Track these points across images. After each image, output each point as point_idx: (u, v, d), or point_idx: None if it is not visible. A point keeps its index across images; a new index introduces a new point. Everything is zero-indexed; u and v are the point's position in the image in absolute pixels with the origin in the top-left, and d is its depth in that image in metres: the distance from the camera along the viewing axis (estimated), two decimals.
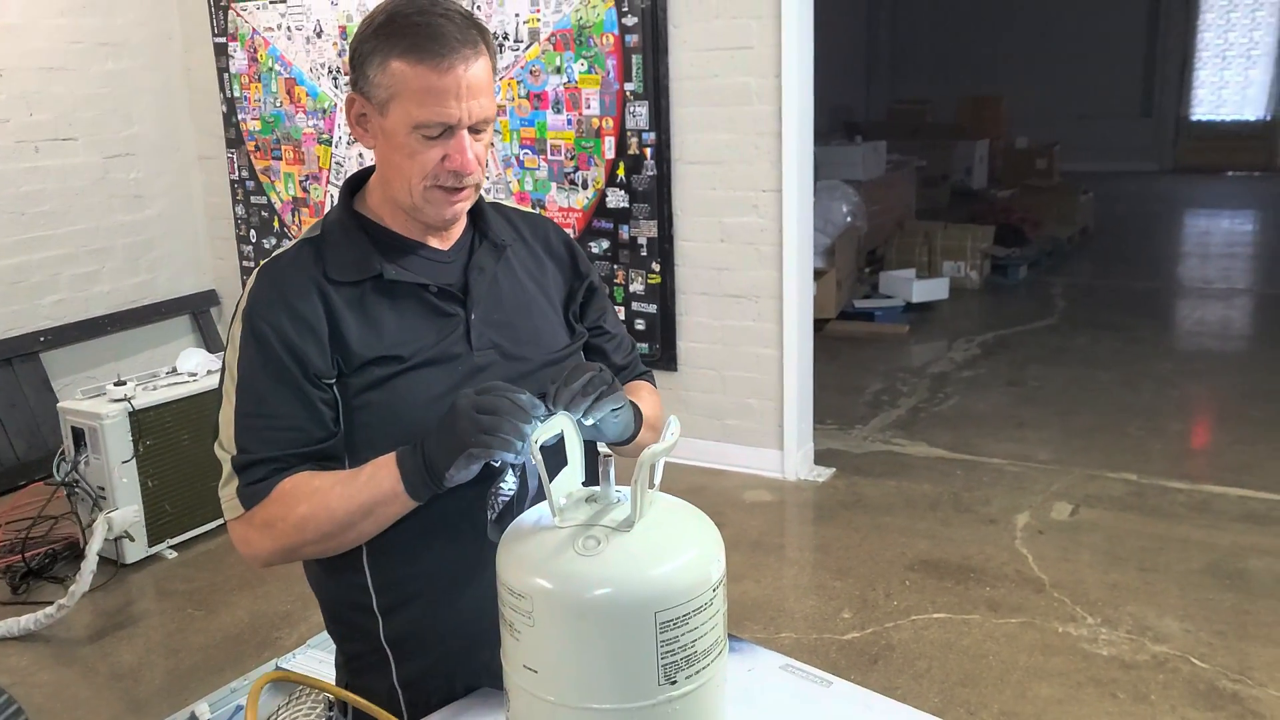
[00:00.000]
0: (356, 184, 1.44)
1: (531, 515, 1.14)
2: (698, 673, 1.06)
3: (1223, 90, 12.05)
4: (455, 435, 1.18)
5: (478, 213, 1.45)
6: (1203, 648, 2.72)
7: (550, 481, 1.10)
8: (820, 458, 4.05)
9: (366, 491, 1.25)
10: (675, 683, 1.04)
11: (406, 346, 1.33)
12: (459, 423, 1.18)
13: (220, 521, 3.63)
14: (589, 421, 1.23)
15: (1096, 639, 2.78)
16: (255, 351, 1.30)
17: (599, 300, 1.56)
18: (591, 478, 1.20)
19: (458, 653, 1.36)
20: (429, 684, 1.38)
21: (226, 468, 1.31)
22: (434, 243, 1.40)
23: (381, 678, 1.39)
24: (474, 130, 1.30)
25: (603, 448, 1.37)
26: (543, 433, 1.13)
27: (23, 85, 4.29)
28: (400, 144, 1.29)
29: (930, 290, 6.32)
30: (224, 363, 1.34)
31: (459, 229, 1.43)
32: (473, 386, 1.22)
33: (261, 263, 1.36)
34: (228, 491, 1.31)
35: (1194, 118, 12.16)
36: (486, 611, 1.16)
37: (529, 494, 1.32)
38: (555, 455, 1.15)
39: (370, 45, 1.29)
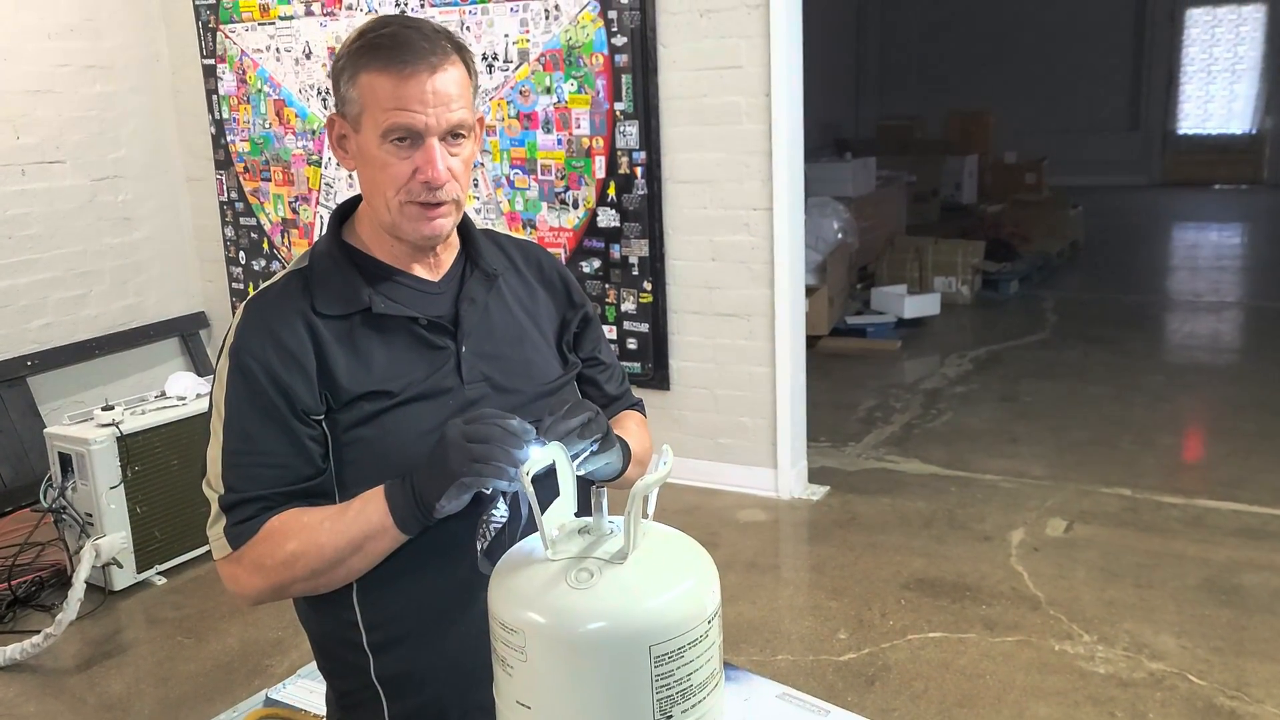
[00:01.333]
0: (345, 213, 1.42)
1: (523, 547, 1.12)
2: (694, 706, 1.04)
3: (1209, 104, 12.12)
4: (446, 465, 1.16)
5: (469, 240, 1.42)
6: (1200, 664, 2.71)
7: (542, 513, 1.08)
8: (814, 476, 4.04)
9: (356, 526, 1.24)
10: (671, 717, 1.02)
11: (396, 381, 1.31)
12: (449, 452, 1.16)
13: (209, 547, 3.59)
14: (580, 472, 1.21)
15: (1093, 657, 2.77)
16: (242, 388, 1.29)
17: (593, 331, 1.54)
18: (583, 509, 1.18)
19: (450, 691, 1.34)
20: None
21: (214, 506, 1.30)
22: (424, 273, 1.38)
23: (373, 715, 1.37)
24: (450, 141, 1.29)
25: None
26: (534, 464, 1.11)
27: (9, 108, 4.27)
28: (373, 157, 1.29)
29: (922, 306, 6.32)
30: (211, 399, 1.33)
31: (449, 258, 1.41)
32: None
33: (248, 296, 1.35)
34: (215, 531, 1.30)
35: (1181, 131, 12.23)
36: (479, 649, 1.14)
37: (521, 522, 1.30)
38: (546, 487, 1.14)
39: (343, 63, 1.30)
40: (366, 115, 1.28)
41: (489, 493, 1.23)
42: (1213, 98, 12.10)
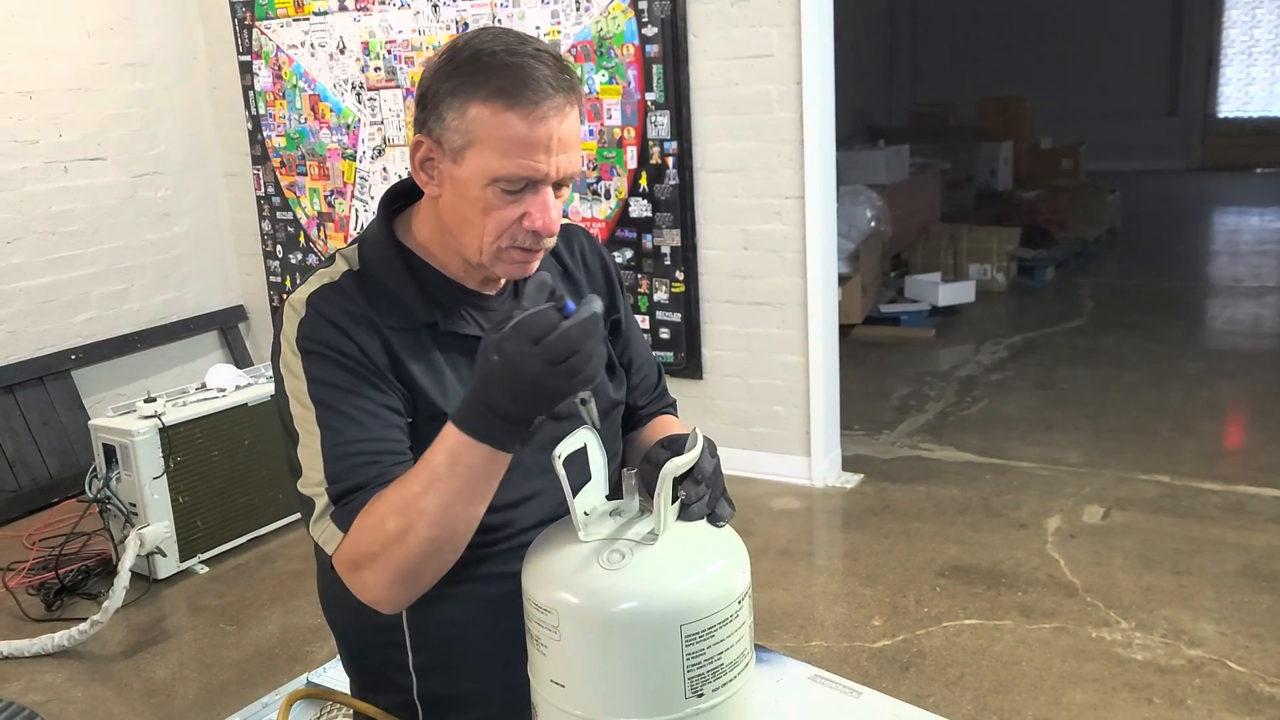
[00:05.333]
0: (395, 199, 1.32)
1: (556, 530, 1.14)
2: (725, 685, 1.06)
3: (1249, 87, 11.92)
4: (548, 395, 1.06)
5: None
6: (1239, 651, 2.69)
7: (574, 496, 1.10)
8: (848, 464, 4.03)
9: (458, 478, 1.10)
10: (702, 695, 1.04)
11: (454, 403, 1.21)
12: (545, 385, 1.04)
13: (250, 535, 3.66)
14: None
15: (1131, 643, 2.75)
16: (330, 376, 1.19)
17: (624, 336, 1.46)
18: (615, 492, 1.20)
19: (495, 716, 1.30)
20: None
21: (321, 501, 1.18)
22: (479, 286, 1.31)
23: None
24: (556, 186, 1.19)
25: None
26: (565, 446, 1.12)
27: (52, 106, 4.35)
28: (474, 197, 1.17)
29: (956, 293, 6.28)
30: (288, 396, 1.22)
31: None
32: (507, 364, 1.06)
33: (301, 295, 1.24)
34: (321, 525, 1.18)
35: (1221, 115, 12.04)
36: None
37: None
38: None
39: (450, 85, 1.16)
40: (474, 151, 1.15)
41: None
42: (1254, 80, 11.89)
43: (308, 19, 4.60)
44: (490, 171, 1.15)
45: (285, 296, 4.95)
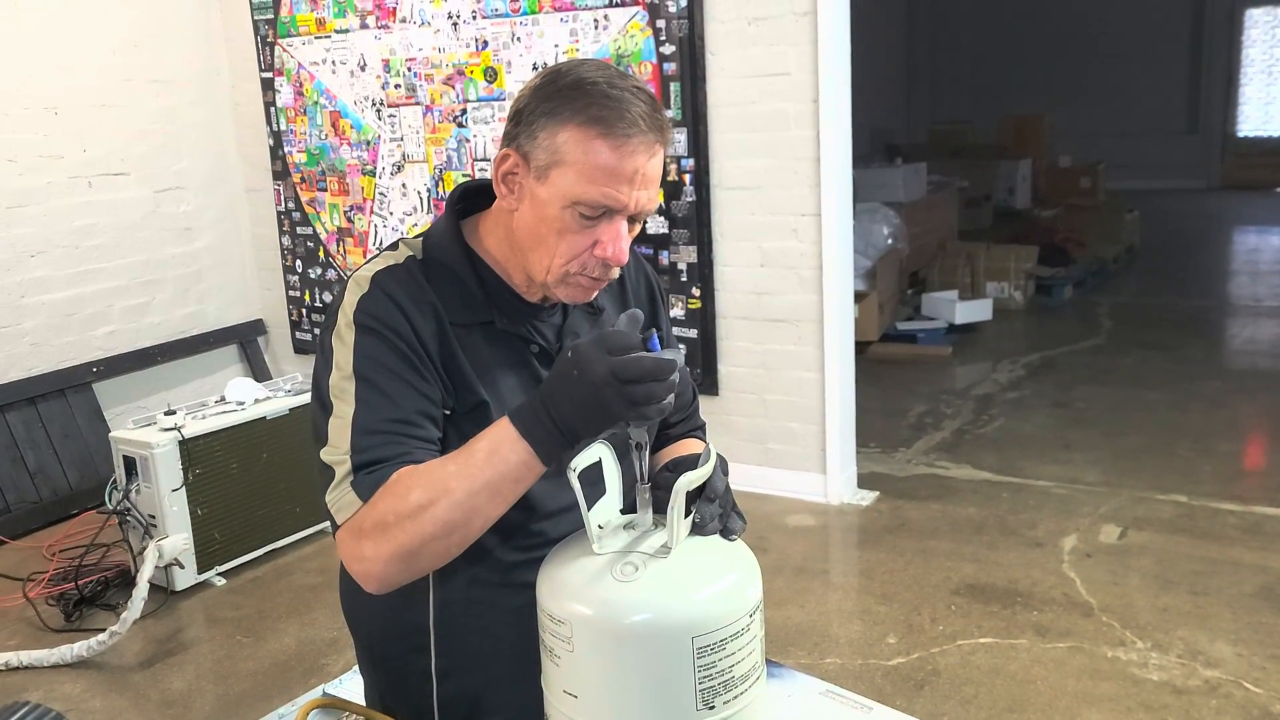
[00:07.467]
0: (462, 199, 1.34)
1: (570, 543, 1.15)
2: (736, 698, 1.06)
3: (1270, 106, 11.88)
4: (606, 410, 1.07)
5: None
6: (1256, 672, 2.67)
7: (588, 510, 1.11)
8: (864, 481, 4.03)
9: (490, 469, 1.12)
10: (713, 708, 1.05)
11: (498, 402, 1.27)
12: (605, 396, 1.06)
13: (267, 548, 3.68)
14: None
15: (1147, 664, 2.74)
16: (378, 354, 1.21)
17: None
18: (629, 506, 1.21)
19: None
20: None
21: (340, 471, 1.19)
22: (533, 298, 1.33)
23: None
24: (630, 219, 1.23)
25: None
26: (581, 460, 1.14)
27: (77, 122, 4.41)
28: (550, 217, 1.20)
29: (973, 312, 6.27)
30: (332, 366, 1.23)
31: None
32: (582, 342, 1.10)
33: (367, 272, 1.27)
34: (338, 493, 1.18)
35: (1241, 134, 12.00)
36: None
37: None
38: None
39: (548, 106, 1.19)
40: (559, 172, 1.18)
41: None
42: (1274, 99, 11.85)
43: (329, 36, 4.65)
44: (572, 194, 1.18)
45: (307, 309, 4.98)
